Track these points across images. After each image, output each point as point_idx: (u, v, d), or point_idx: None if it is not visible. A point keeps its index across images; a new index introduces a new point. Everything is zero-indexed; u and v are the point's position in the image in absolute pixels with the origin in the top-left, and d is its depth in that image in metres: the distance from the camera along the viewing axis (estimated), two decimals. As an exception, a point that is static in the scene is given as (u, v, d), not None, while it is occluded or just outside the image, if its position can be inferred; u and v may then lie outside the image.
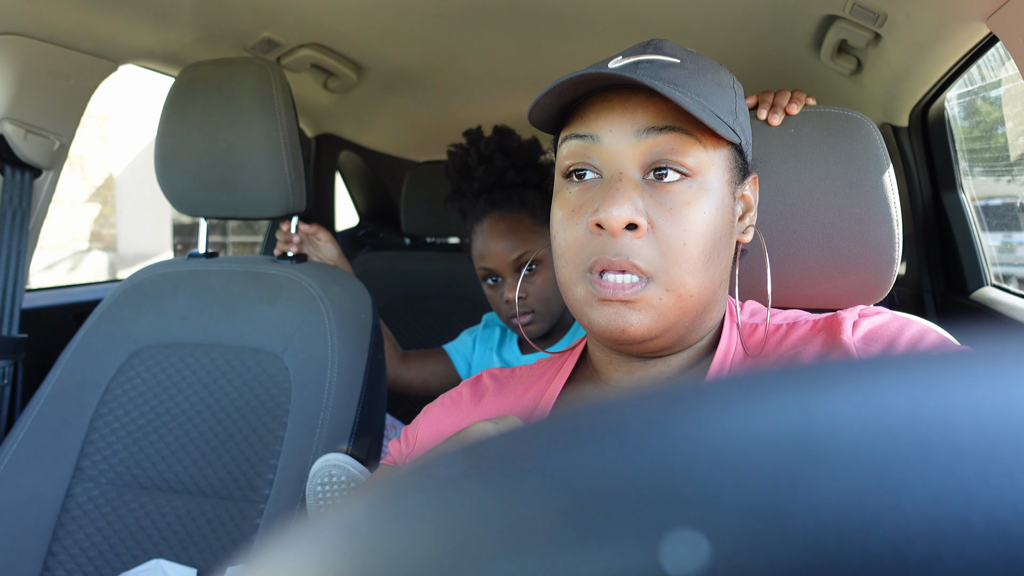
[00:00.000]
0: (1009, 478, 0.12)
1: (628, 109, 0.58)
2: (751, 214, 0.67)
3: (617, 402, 0.15)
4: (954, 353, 0.15)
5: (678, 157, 0.58)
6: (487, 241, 1.21)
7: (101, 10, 1.16)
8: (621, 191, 0.56)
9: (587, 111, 0.60)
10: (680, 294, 0.58)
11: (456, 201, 1.33)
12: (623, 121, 0.58)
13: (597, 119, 0.59)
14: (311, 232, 1.29)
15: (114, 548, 1.01)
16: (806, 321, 0.64)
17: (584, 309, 0.60)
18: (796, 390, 0.14)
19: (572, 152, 0.61)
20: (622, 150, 0.58)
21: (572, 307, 0.62)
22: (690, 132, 0.58)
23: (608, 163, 0.59)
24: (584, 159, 0.60)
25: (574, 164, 0.61)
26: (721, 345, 0.63)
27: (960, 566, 0.11)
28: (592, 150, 0.59)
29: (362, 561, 0.14)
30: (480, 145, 1.27)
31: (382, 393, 1.15)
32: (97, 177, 7.35)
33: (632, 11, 1.27)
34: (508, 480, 0.14)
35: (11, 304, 1.20)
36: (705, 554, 0.12)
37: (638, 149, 0.58)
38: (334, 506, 0.17)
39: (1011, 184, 1.73)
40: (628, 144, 0.58)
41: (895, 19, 1.09)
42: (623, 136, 0.58)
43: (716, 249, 0.59)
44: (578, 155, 0.60)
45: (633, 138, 0.58)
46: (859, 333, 0.58)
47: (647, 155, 0.58)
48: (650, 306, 0.57)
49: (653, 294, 0.57)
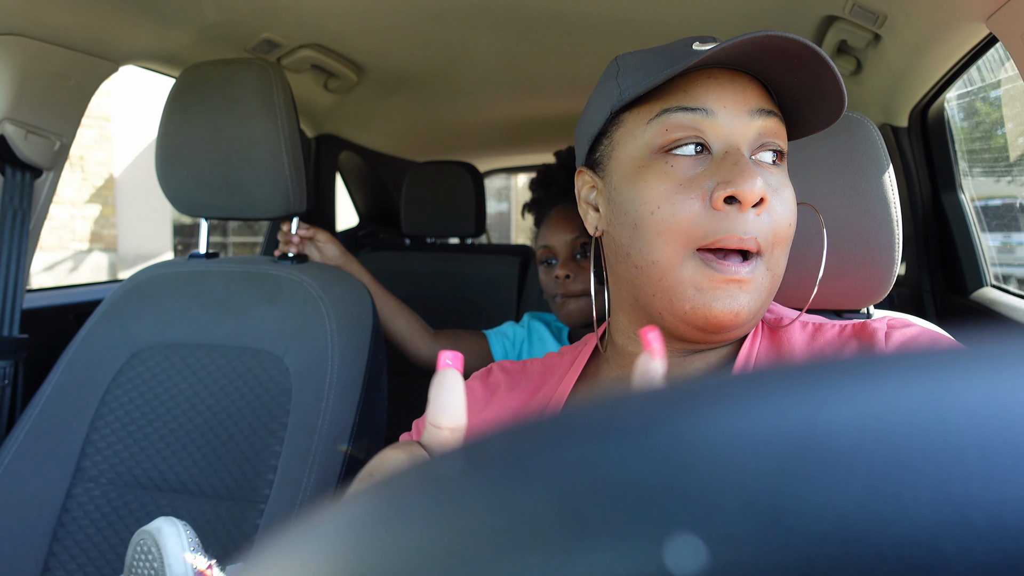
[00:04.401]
0: (1010, 478, 0.12)
1: (739, 88, 0.58)
2: None
3: (618, 401, 0.15)
4: (954, 353, 0.15)
5: (780, 140, 0.59)
6: (552, 224, 1.32)
7: (102, 10, 1.16)
8: (751, 166, 0.55)
9: (693, 86, 0.58)
10: (775, 275, 0.58)
11: (535, 208, 1.44)
12: (738, 99, 0.57)
13: (708, 94, 0.57)
14: (308, 236, 1.29)
15: (114, 548, 1.01)
16: (833, 324, 0.64)
17: (689, 292, 0.56)
18: (796, 390, 0.14)
19: (679, 124, 0.57)
20: (737, 127, 0.57)
21: (669, 289, 0.57)
22: (781, 119, 0.59)
23: (722, 138, 0.57)
24: (694, 132, 0.57)
25: (685, 137, 0.57)
26: (747, 343, 0.63)
27: (963, 567, 0.11)
28: (705, 124, 0.57)
29: (362, 560, 0.14)
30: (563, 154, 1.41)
31: (382, 393, 1.15)
32: (98, 178, 7.35)
33: (632, 12, 1.27)
34: (508, 480, 0.14)
35: (12, 304, 1.20)
36: (706, 554, 0.12)
37: (751, 128, 0.57)
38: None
39: (1011, 184, 1.73)
40: (743, 122, 0.57)
41: (895, 20, 1.09)
42: (738, 114, 0.57)
43: None
44: (687, 128, 0.57)
45: (747, 117, 0.57)
46: (892, 345, 0.58)
47: (756, 135, 0.58)
48: (757, 287, 0.56)
49: (761, 274, 0.56)
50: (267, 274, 1.15)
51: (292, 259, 1.20)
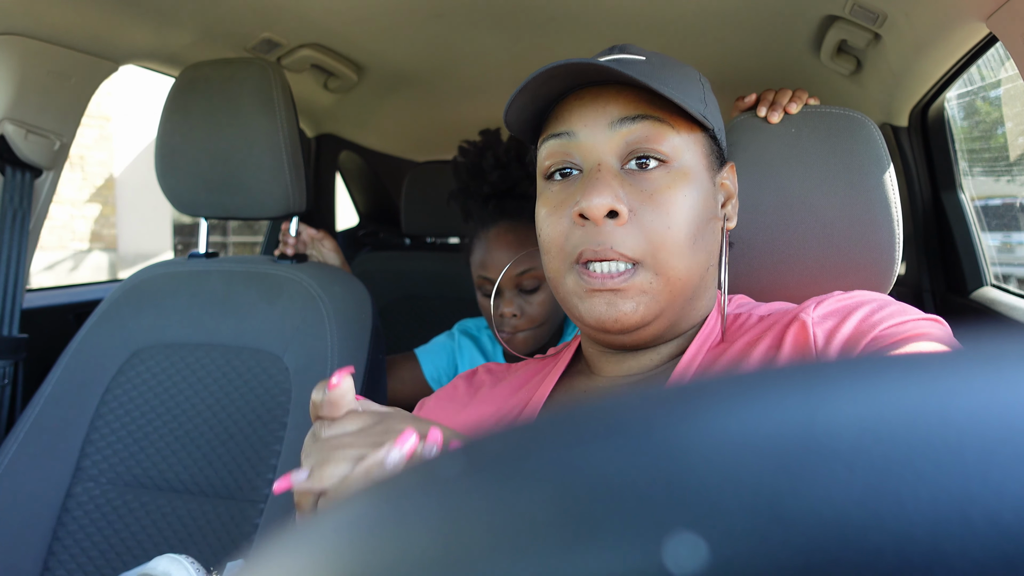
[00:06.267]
0: (1009, 477, 0.12)
1: (600, 103, 0.60)
2: (732, 201, 0.68)
3: (618, 400, 0.16)
4: (954, 353, 0.15)
5: (653, 144, 0.59)
6: (492, 250, 1.16)
7: (102, 10, 1.16)
8: (601, 180, 0.57)
9: (561, 111, 0.62)
10: (669, 277, 0.58)
11: (461, 199, 1.28)
12: (596, 114, 0.60)
13: (571, 116, 0.61)
14: (318, 237, 1.28)
15: (114, 548, 1.01)
16: (785, 311, 0.64)
17: (574, 301, 0.60)
18: (796, 389, 0.14)
19: (551, 152, 0.62)
20: (598, 143, 0.59)
21: (563, 301, 0.62)
22: (662, 119, 0.59)
23: (586, 157, 0.60)
24: (563, 157, 0.61)
25: (554, 163, 0.62)
26: (700, 333, 0.63)
27: (962, 565, 0.11)
28: (570, 147, 0.61)
29: (361, 560, 0.14)
30: (499, 150, 1.21)
31: (382, 393, 1.15)
32: (98, 177, 7.35)
33: (632, 12, 1.27)
34: (508, 479, 0.14)
35: (11, 304, 1.20)
36: (706, 553, 0.12)
37: (614, 140, 0.59)
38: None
39: (1011, 184, 1.73)
40: (604, 136, 0.59)
41: (895, 19, 1.09)
42: (598, 129, 0.59)
43: (700, 232, 0.60)
44: (557, 154, 0.61)
45: (608, 130, 0.59)
46: (820, 311, 0.58)
47: (623, 145, 0.59)
48: (641, 292, 0.58)
49: (643, 280, 0.58)
50: (267, 274, 1.15)
51: (292, 259, 1.20)
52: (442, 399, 0.74)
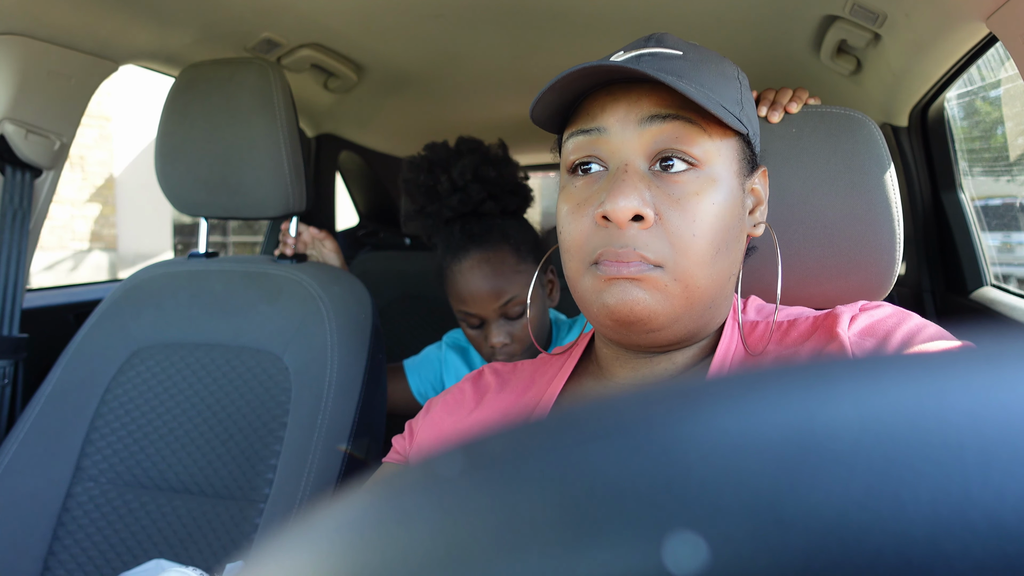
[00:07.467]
0: (1009, 477, 0.12)
1: (631, 100, 0.58)
2: (761, 208, 0.66)
3: (618, 400, 0.15)
4: (954, 353, 0.15)
5: (684, 146, 0.57)
6: (469, 284, 1.11)
7: (101, 10, 1.16)
8: (627, 182, 0.56)
9: (591, 106, 0.60)
10: (688, 285, 0.57)
11: (420, 221, 1.17)
12: (627, 111, 0.58)
13: (601, 112, 0.59)
14: (320, 237, 1.28)
15: (114, 548, 1.01)
16: (807, 318, 0.63)
17: (591, 297, 0.58)
18: (796, 390, 0.14)
19: (578, 147, 0.60)
20: (627, 141, 0.58)
21: (580, 300, 0.61)
22: (695, 121, 0.57)
23: (614, 155, 0.58)
24: (590, 152, 0.59)
25: (580, 158, 0.60)
26: (722, 343, 0.62)
27: (962, 566, 0.11)
28: (597, 143, 0.59)
29: (361, 560, 0.14)
30: (453, 172, 1.13)
31: (382, 393, 1.15)
32: (98, 177, 7.35)
33: (632, 11, 1.27)
34: (508, 479, 0.14)
35: (11, 304, 1.20)
36: (706, 553, 0.12)
37: (643, 139, 0.57)
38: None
39: (1011, 184, 1.73)
40: (633, 134, 0.57)
41: (895, 19, 1.09)
42: (628, 127, 0.57)
43: (726, 241, 0.58)
44: (583, 149, 0.60)
45: (637, 128, 0.57)
46: (856, 328, 0.58)
47: (652, 144, 0.57)
48: (657, 288, 0.56)
49: (661, 278, 0.56)
50: (267, 274, 1.15)
51: (292, 259, 1.20)
52: (449, 404, 0.73)
